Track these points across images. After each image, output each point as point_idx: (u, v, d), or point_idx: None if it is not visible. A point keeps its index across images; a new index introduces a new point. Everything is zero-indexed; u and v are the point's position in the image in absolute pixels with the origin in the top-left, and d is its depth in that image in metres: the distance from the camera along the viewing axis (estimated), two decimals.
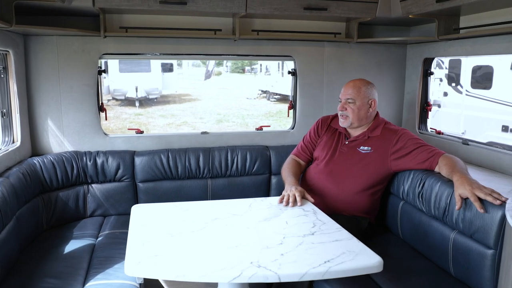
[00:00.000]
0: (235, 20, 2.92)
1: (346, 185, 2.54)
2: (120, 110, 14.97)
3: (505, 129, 8.17)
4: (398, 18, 2.95)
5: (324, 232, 1.87)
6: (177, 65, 21.49)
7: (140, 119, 13.77)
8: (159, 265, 1.57)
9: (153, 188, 3.00)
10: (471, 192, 1.97)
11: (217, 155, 3.08)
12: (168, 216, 2.07)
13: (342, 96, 2.62)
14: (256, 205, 2.22)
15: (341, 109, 2.60)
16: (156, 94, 16.42)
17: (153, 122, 13.31)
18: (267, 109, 16.10)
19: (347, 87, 2.62)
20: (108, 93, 15.76)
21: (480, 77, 8.81)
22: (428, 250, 2.34)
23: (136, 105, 15.57)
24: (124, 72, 15.44)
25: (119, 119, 13.43)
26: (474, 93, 8.85)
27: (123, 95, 15.63)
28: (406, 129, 2.62)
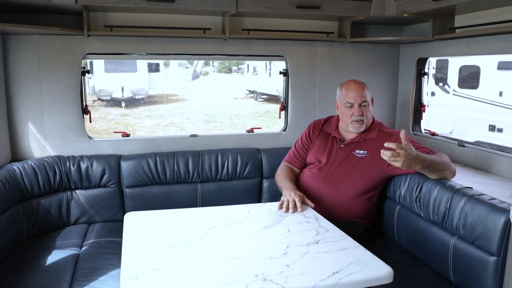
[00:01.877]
0: (225, 18, 2.81)
1: (343, 189, 2.46)
2: (105, 111, 14.78)
3: (492, 128, 8.23)
4: (391, 17, 2.87)
5: (328, 240, 1.78)
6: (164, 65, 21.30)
7: (126, 119, 13.60)
8: (158, 280, 1.46)
9: (141, 194, 2.87)
10: (400, 152, 1.98)
11: (207, 158, 2.97)
12: (164, 225, 1.95)
13: (355, 100, 2.46)
14: (255, 212, 2.12)
15: (359, 113, 2.46)
16: (143, 95, 16.25)
17: (139, 123, 13.15)
18: (255, 109, 16.05)
19: (357, 88, 2.48)
20: (94, 94, 15.55)
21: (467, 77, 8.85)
22: (426, 256, 2.27)
23: (122, 105, 15.38)
24: (109, 72, 15.25)
25: (105, 120, 13.24)
26: (461, 93, 8.90)
27: (109, 95, 15.44)
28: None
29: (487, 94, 8.31)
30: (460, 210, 2.01)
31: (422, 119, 3.32)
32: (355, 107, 2.46)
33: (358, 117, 2.47)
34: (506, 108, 7.95)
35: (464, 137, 8.15)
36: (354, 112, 2.47)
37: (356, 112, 2.46)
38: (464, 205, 2.00)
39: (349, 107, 2.48)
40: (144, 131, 12.15)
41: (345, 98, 2.50)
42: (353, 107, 2.47)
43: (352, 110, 2.47)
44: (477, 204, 1.95)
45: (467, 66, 8.83)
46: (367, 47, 3.30)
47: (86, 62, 2.98)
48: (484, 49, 2.59)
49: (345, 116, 2.51)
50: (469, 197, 2.00)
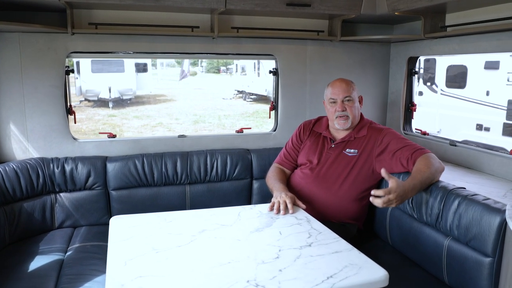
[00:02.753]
0: (214, 16, 2.75)
1: (335, 190, 2.42)
2: (92, 111, 14.62)
3: (479, 127, 8.29)
4: (382, 16, 2.84)
5: (321, 243, 1.74)
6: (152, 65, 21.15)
7: (113, 120, 13.45)
8: (146, 287, 1.39)
9: (127, 196, 2.79)
10: (390, 198, 1.92)
11: (196, 159, 2.90)
12: (151, 229, 1.88)
13: (337, 96, 2.46)
14: (245, 214, 2.07)
15: (342, 109, 2.45)
16: (130, 95, 16.13)
17: (127, 124, 13.02)
18: (244, 109, 16.02)
19: (340, 85, 2.48)
20: (80, 94, 15.36)
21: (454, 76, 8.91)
22: (420, 257, 2.24)
23: (109, 106, 15.24)
24: (96, 73, 15.09)
25: (92, 121, 13.09)
26: (449, 92, 8.96)
27: (96, 96, 15.29)
28: (391, 129, 2.52)
29: (474, 94, 8.38)
30: (454, 211, 1.98)
31: (413, 118, 3.29)
32: (338, 102, 2.45)
33: (342, 113, 2.44)
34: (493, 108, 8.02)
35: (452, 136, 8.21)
36: (337, 107, 2.45)
37: (339, 107, 2.44)
38: (458, 206, 1.97)
39: (332, 103, 2.47)
40: (132, 131, 12.04)
41: (329, 95, 2.50)
42: (336, 103, 2.46)
43: (335, 106, 2.46)
44: (471, 204, 1.91)
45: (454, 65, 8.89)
46: (358, 46, 3.26)
47: (72, 62, 2.88)
48: (475, 48, 2.57)
49: (330, 113, 2.50)
50: (462, 198, 1.97)
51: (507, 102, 7.62)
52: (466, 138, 8.21)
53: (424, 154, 2.24)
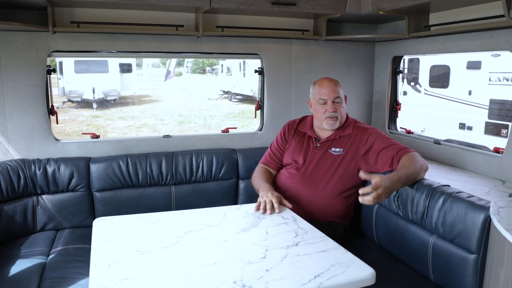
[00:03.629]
0: (198, 15, 2.73)
1: (321, 189, 2.42)
2: (76, 112, 14.46)
3: (462, 126, 8.41)
4: (367, 15, 2.85)
5: (308, 242, 1.73)
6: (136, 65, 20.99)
7: (98, 121, 13.32)
8: None
9: (112, 198, 2.75)
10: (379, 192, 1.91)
11: (181, 159, 2.87)
12: (136, 230, 1.84)
13: (328, 96, 2.44)
14: (231, 214, 2.05)
15: (333, 110, 2.44)
16: (115, 96, 15.99)
17: (111, 125, 12.90)
18: (229, 109, 16.02)
19: (330, 84, 2.46)
20: (64, 95, 15.16)
21: (437, 76, 9.03)
22: (406, 255, 2.25)
23: (93, 107, 15.08)
24: (80, 73, 14.91)
25: (76, 122, 12.94)
26: (432, 92, 9.07)
27: (80, 96, 15.12)
28: (376, 128, 2.53)
29: (457, 93, 8.49)
30: (439, 209, 2.00)
31: (397, 117, 3.31)
32: (329, 103, 2.44)
33: (332, 114, 2.44)
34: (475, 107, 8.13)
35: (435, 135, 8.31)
36: (327, 108, 2.44)
37: (330, 108, 2.43)
38: (442, 204, 1.98)
39: (322, 104, 2.46)
40: (116, 132, 11.93)
41: (318, 95, 2.47)
42: (327, 104, 2.45)
43: (325, 106, 2.45)
44: (455, 202, 1.93)
45: (437, 65, 9.01)
46: (343, 45, 3.27)
47: (55, 63, 2.83)
48: (458, 47, 2.59)
49: (319, 113, 2.48)
50: (447, 195, 1.98)
51: (489, 101, 7.73)
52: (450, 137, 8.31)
53: (408, 152, 2.26)
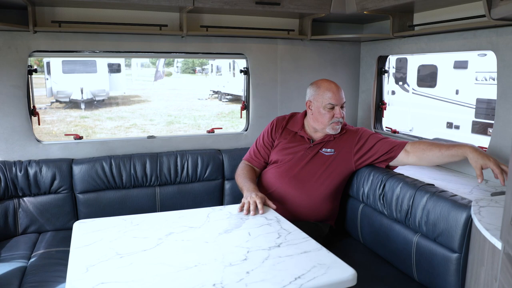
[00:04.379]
0: (182, 15, 2.70)
1: (309, 190, 2.40)
2: (64, 113, 14.32)
3: (450, 125, 8.48)
4: (352, 15, 2.85)
5: (290, 243, 1.71)
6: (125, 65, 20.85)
7: (86, 122, 13.21)
8: None
9: (95, 200, 2.71)
10: (496, 163, 1.91)
11: (165, 160, 2.85)
12: (116, 233, 1.81)
13: (338, 102, 2.42)
14: (215, 215, 2.03)
15: (341, 116, 2.42)
16: (103, 96, 15.86)
17: (100, 125, 12.81)
18: (219, 109, 16.00)
19: (338, 90, 2.44)
20: (51, 95, 15.00)
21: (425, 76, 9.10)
22: (390, 255, 2.25)
23: (81, 107, 14.93)
24: (68, 73, 14.76)
25: (63, 123, 12.81)
26: (420, 91, 9.13)
27: (68, 97, 14.96)
28: (364, 128, 2.54)
29: (445, 93, 8.57)
30: (422, 207, 2.00)
31: (383, 117, 3.32)
32: (337, 109, 2.42)
33: (340, 119, 2.43)
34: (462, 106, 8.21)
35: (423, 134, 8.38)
36: (336, 114, 2.42)
37: (339, 114, 2.41)
38: (426, 202, 1.99)
39: (330, 109, 2.42)
40: (105, 133, 11.83)
41: (327, 100, 2.42)
42: (335, 109, 2.42)
43: (333, 112, 2.42)
44: (439, 201, 1.93)
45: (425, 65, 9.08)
46: (328, 45, 3.27)
47: (42, 63, 2.78)
48: (442, 47, 2.60)
49: (324, 117, 2.43)
50: (431, 194, 1.99)
51: (475, 100, 7.80)
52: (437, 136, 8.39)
53: (409, 142, 2.32)
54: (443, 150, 2.14)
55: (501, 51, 2.20)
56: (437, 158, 2.17)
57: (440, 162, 2.21)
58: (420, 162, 2.25)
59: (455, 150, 2.09)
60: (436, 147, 2.18)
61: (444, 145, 2.17)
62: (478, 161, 1.96)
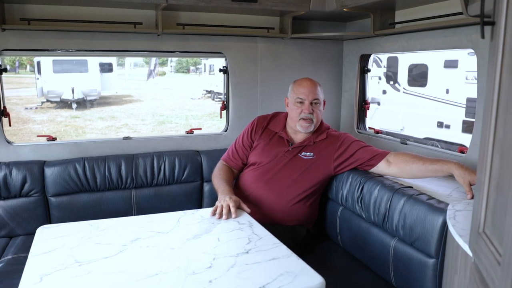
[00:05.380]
0: (158, 12, 2.62)
1: (286, 193, 2.33)
2: (55, 112, 14.21)
3: (440, 125, 8.46)
4: (332, 13, 2.78)
5: (260, 249, 1.64)
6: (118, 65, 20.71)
7: (76, 122, 13.10)
8: None
9: (68, 203, 2.63)
10: None
11: (142, 162, 2.76)
12: (80, 239, 1.73)
13: (306, 96, 2.34)
14: (186, 220, 1.95)
15: (309, 111, 2.33)
16: (95, 96, 15.75)
17: (90, 125, 12.71)
18: (212, 109, 15.93)
19: (310, 84, 2.36)
20: (42, 95, 14.87)
21: (416, 75, 9.08)
22: (368, 259, 2.19)
23: (72, 107, 14.79)
24: (58, 73, 14.63)
25: (54, 123, 12.71)
26: (411, 91, 9.11)
27: (58, 97, 14.84)
28: (348, 134, 2.47)
29: (435, 92, 8.55)
30: (399, 211, 1.94)
31: (366, 117, 3.26)
32: (306, 103, 2.34)
33: (308, 115, 2.34)
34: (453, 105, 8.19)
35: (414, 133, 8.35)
36: (304, 109, 2.34)
37: (306, 109, 2.33)
38: (403, 206, 1.93)
39: (299, 103, 2.35)
40: (95, 133, 11.74)
41: (296, 94, 2.37)
42: (304, 104, 2.34)
43: (302, 106, 2.35)
44: (415, 204, 1.87)
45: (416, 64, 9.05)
46: (310, 43, 3.20)
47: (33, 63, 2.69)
48: (422, 45, 2.54)
49: (294, 113, 2.37)
50: (408, 197, 1.93)
51: (466, 99, 7.79)
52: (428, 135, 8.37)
53: (391, 152, 2.29)
54: (427, 164, 2.09)
55: (481, 49, 2.14)
56: (420, 171, 2.12)
57: (423, 176, 2.15)
58: (401, 174, 2.20)
59: (439, 165, 2.05)
60: (419, 160, 2.13)
61: (428, 159, 2.12)
62: (466, 177, 1.92)
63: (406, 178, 2.20)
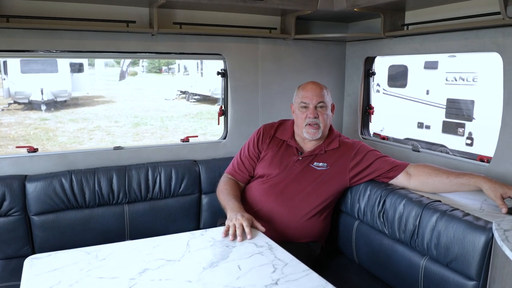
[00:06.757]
0: (153, 10, 2.38)
1: (299, 208, 2.14)
2: (23, 114, 13.59)
3: (421, 125, 8.50)
4: (339, 13, 2.61)
5: (289, 278, 1.44)
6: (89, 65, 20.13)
7: (46, 124, 12.58)
8: None
9: (53, 222, 2.35)
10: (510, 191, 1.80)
11: (135, 174, 2.51)
12: (78, 273, 1.48)
13: (310, 100, 2.17)
14: (196, 243, 1.73)
15: (314, 115, 2.16)
16: (65, 97, 15.22)
17: (61, 128, 12.21)
18: (187, 110, 15.68)
19: (314, 88, 2.20)
20: (9, 96, 14.20)
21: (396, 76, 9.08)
22: (392, 278, 2.03)
23: (42, 109, 14.19)
24: (26, 73, 14.02)
25: (22, 125, 12.14)
26: (390, 92, 9.12)
27: (27, 98, 14.23)
28: (362, 142, 2.31)
29: (415, 93, 8.57)
30: (431, 228, 1.78)
31: (371, 122, 3.11)
32: (310, 108, 2.16)
33: (313, 120, 2.16)
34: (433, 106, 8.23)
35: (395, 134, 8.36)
36: (308, 113, 2.16)
37: (311, 113, 2.15)
38: (436, 223, 1.77)
39: (303, 108, 2.18)
40: (67, 136, 11.24)
41: (300, 98, 2.20)
42: (308, 108, 2.17)
43: (306, 111, 2.17)
44: (451, 221, 1.72)
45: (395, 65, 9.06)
46: (312, 44, 3.02)
47: None
48: (439, 47, 2.41)
49: (299, 119, 2.20)
50: (441, 213, 1.77)
51: (446, 100, 7.83)
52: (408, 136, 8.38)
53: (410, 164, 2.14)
54: (452, 177, 1.96)
55: (508, 53, 2.02)
56: (443, 185, 1.99)
57: (446, 190, 2.01)
58: (422, 187, 2.05)
59: (466, 179, 1.91)
60: (443, 173, 2.00)
61: (453, 172, 1.99)
62: (497, 190, 1.79)
63: (427, 192, 2.06)
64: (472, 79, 7.04)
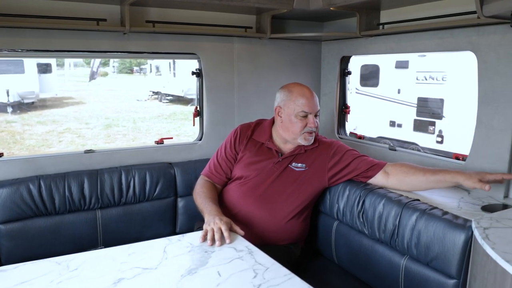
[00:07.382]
0: (124, 7, 2.30)
1: (278, 210, 2.11)
2: None
3: (393, 124, 8.64)
4: (314, 12, 2.59)
5: (271, 284, 1.40)
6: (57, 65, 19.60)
7: (13, 127, 12.15)
8: None
9: (20, 230, 2.23)
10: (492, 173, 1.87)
11: (107, 178, 2.42)
12: (49, 285, 1.39)
13: (312, 110, 2.13)
14: (173, 249, 1.66)
15: (315, 125, 2.15)
16: (33, 98, 14.76)
17: (29, 130, 11.80)
18: (160, 111, 15.46)
19: (313, 96, 2.16)
20: None
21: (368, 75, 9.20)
22: (373, 278, 2.02)
23: (8, 111, 13.70)
24: None
25: None
26: (363, 91, 9.23)
27: None
28: (339, 141, 2.29)
29: (387, 92, 8.71)
30: (411, 228, 1.78)
31: (347, 121, 3.11)
32: (310, 118, 2.13)
33: (313, 129, 2.15)
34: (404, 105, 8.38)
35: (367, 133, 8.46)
36: (309, 123, 2.13)
37: (312, 123, 2.13)
38: (416, 222, 1.77)
39: (303, 117, 2.14)
40: (35, 139, 10.88)
41: (300, 107, 2.13)
42: (308, 118, 2.14)
43: (306, 120, 2.13)
44: (430, 220, 1.72)
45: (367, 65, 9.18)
46: (288, 44, 2.99)
47: None
48: (414, 47, 2.42)
49: (296, 126, 2.14)
50: (421, 212, 1.77)
51: (417, 99, 7.98)
52: (381, 135, 8.51)
53: (388, 163, 2.15)
54: (428, 175, 1.99)
55: (483, 52, 2.04)
56: (421, 182, 2.02)
57: (424, 187, 2.04)
58: (400, 185, 2.07)
59: (442, 176, 1.94)
60: (419, 171, 2.02)
61: (429, 169, 2.02)
62: (473, 177, 1.84)
63: (405, 190, 2.06)
64: (442, 78, 7.20)
